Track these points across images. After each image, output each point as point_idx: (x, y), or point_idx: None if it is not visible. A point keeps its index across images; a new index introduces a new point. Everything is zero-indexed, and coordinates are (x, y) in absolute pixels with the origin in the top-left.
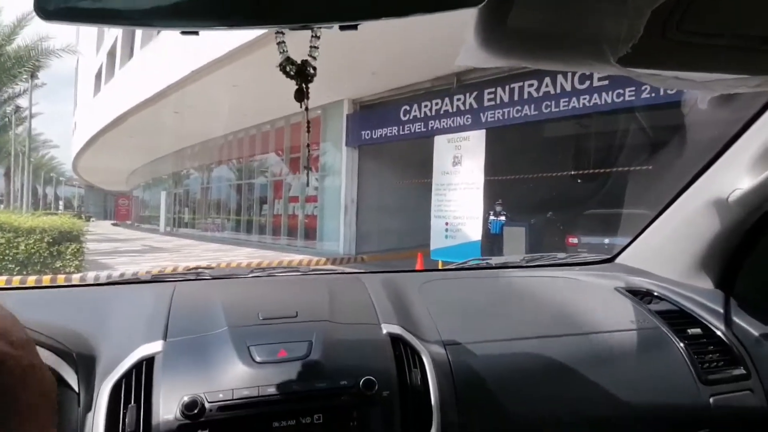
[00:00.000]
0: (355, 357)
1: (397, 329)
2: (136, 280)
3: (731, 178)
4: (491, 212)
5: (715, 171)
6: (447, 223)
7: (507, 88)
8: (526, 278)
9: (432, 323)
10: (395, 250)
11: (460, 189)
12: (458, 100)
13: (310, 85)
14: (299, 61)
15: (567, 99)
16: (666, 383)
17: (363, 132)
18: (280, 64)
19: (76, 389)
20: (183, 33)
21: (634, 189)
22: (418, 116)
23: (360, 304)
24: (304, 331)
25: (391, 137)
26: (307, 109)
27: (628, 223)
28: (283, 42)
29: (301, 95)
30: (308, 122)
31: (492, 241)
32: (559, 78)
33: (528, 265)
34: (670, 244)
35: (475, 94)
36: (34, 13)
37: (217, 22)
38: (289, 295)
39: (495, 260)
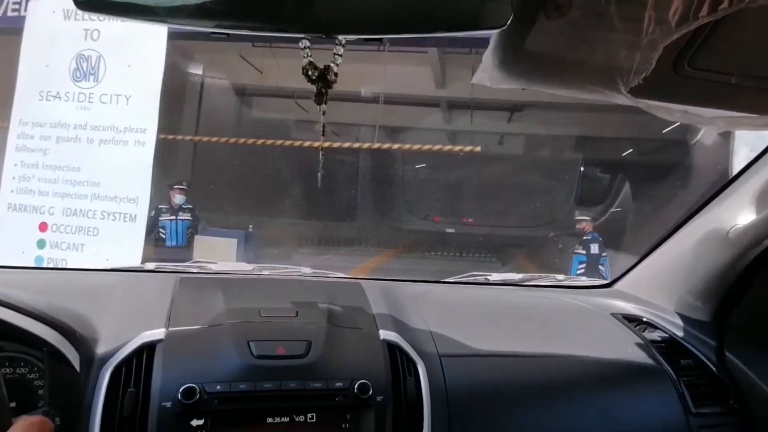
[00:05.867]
0: (351, 360)
1: (394, 337)
2: (139, 269)
3: (733, 213)
4: (163, 207)
5: (717, 205)
6: (47, 226)
7: None
8: (523, 297)
9: (428, 334)
10: None
11: (91, 143)
12: None
13: None
14: (322, 66)
15: None
16: (655, 412)
17: None
18: (303, 68)
19: (78, 370)
20: (213, 34)
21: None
22: None
23: (359, 309)
24: (304, 331)
25: None
26: (324, 113)
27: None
28: (308, 47)
29: (320, 98)
30: (324, 126)
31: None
32: None
33: (526, 284)
34: (669, 274)
35: None
36: None
37: (247, 26)
38: (290, 296)
39: (493, 277)
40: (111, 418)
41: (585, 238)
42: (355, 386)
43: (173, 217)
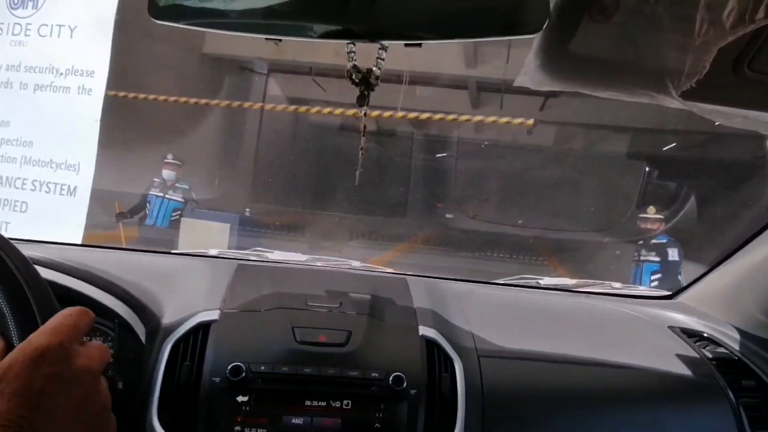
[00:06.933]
0: (388, 353)
1: (433, 333)
2: (203, 254)
3: None
4: (157, 180)
5: None
6: None
7: None
8: (574, 303)
9: (469, 333)
10: None
11: (24, 89)
12: None
13: None
14: (365, 70)
15: None
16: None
17: None
18: (347, 71)
19: (143, 341)
20: (267, 39)
21: None
22: None
23: (401, 304)
24: (345, 321)
25: None
26: (365, 115)
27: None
28: (353, 52)
29: (362, 101)
30: (364, 126)
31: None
32: None
33: (579, 290)
34: (738, 289)
35: None
36: None
37: (299, 33)
38: (336, 287)
39: (545, 281)
40: (168, 387)
41: (657, 241)
42: (390, 378)
43: (161, 194)
